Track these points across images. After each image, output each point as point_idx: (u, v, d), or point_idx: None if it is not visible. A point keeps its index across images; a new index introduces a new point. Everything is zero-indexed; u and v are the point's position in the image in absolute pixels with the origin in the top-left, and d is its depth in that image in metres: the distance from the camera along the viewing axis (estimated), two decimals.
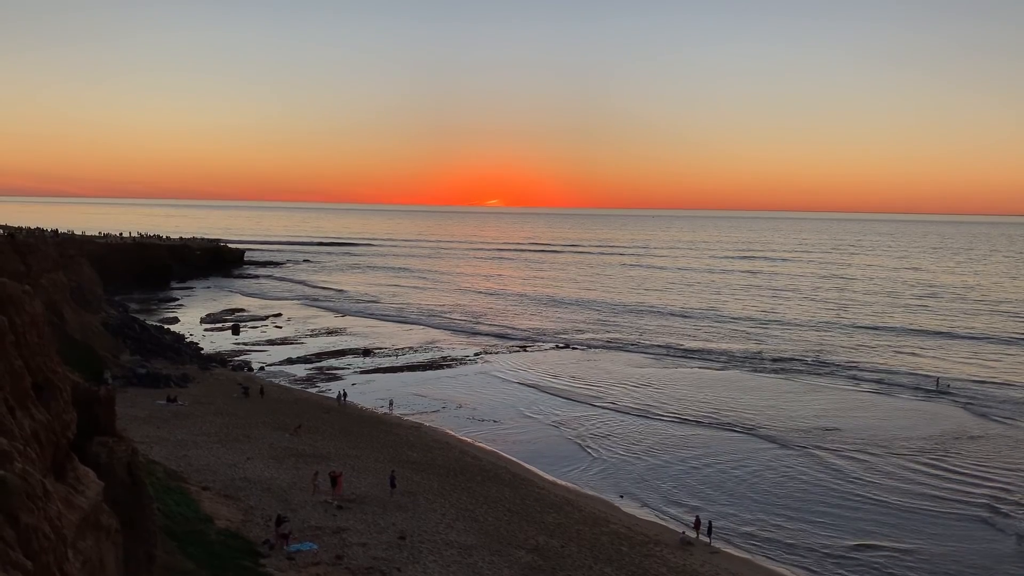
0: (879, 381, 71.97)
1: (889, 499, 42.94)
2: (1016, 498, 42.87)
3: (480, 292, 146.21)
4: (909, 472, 47.23)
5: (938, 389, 68.53)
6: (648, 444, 52.90)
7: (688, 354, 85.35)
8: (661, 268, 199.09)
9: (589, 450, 51.66)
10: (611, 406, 62.60)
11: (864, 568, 34.98)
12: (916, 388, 69.07)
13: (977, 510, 41.28)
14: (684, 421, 58.43)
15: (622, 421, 58.59)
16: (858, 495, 43.59)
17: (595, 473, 47.39)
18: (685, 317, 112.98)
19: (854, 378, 73.50)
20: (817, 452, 50.96)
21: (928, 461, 49.06)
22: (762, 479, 46.23)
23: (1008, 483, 45.26)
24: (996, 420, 58.74)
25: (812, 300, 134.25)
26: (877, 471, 47.33)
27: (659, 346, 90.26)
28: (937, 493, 43.91)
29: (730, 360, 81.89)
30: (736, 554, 36.06)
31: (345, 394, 63.72)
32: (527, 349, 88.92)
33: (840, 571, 34.68)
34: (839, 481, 45.83)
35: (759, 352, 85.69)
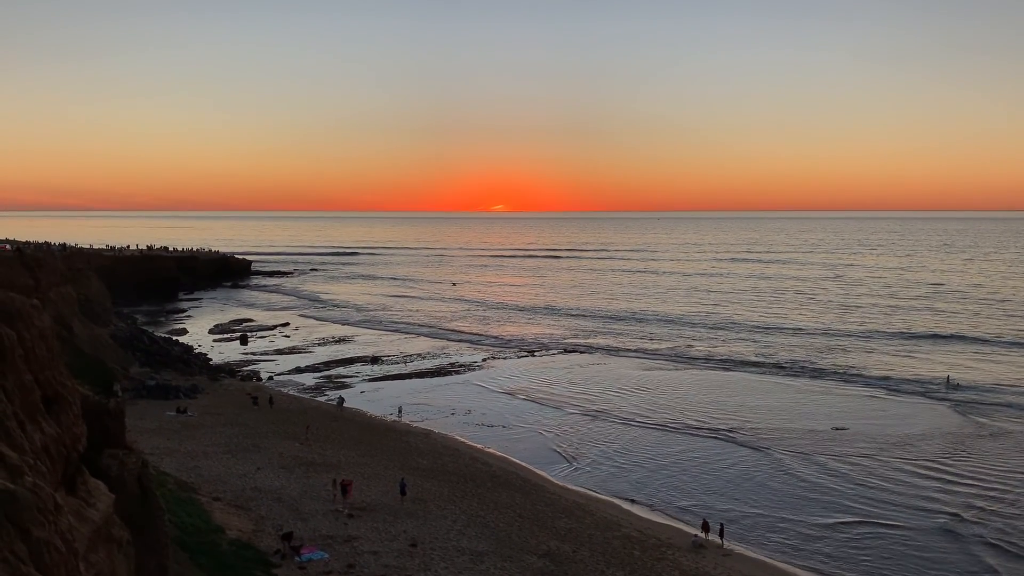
0: (886, 383, 70.80)
1: (881, 506, 42.57)
2: (984, 504, 41.64)
3: (486, 298, 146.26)
4: (907, 477, 46.41)
5: (948, 388, 67.93)
6: (654, 449, 52.68)
7: (694, 358, 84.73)
8: (667, 273, 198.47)
9: (594, 455, 51.51)
10: (617, 411, 62.40)
11: (865, 566, 34.78)
12: (924, 391, 67.49)
13: (939, 519, 39.95)
14: (691, 426, 58.05)
15: (628, 426, 58.37)
16: (856, 498, 43.28)
17: (600, 478, 47.24)
18: (690, 320, 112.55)
19: (861, 380, 72.26)
20: (820, 455, 50.43)
21: (926, 465, 48.04)
22: (770, 481, 46.00)
23: (992, 489, 43.99)
24: (999, 424, 57.12)
25: (817, 301, 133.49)
26: (878, 475, 46.52)
27: (665, 350, 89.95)
28: (917, 503, 43.36)
29: (736, 364, 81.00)
30: (749, 555, 35.88)
31: (343, 400, 64.06)
32: (535, 354, 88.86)
33: (843, 567, 34.52)
34: (838, 484, 45.48)
35: (764, 355, 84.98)
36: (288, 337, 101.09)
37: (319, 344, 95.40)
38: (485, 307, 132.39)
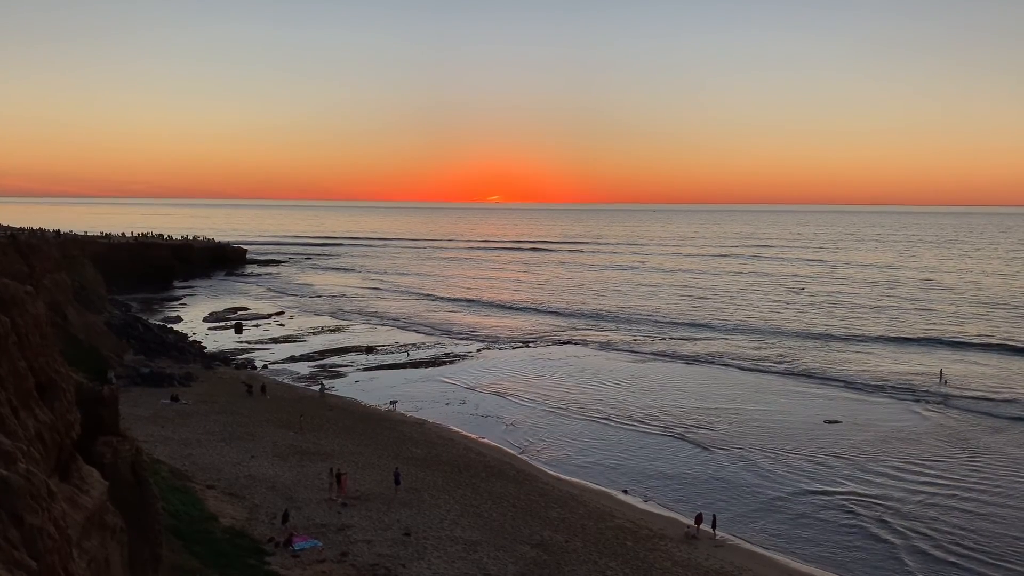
0: (875, 381, 69.48)
1: (867, 503, 42.85)
2: (910, 510, 40.43)
3: (481, 289, 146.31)
4: (891, 475, 46.55)
5: (940, 383, 67.80)
6: (643, 442, 52.85)
7: (683, 354, 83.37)
8: (658, 267, 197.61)
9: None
10: (605, 405, 62.17)
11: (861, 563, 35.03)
12: (914, 389, 66.15)
13: (870, 524, 38.88)
14: (680, 422, 57.95)
15: (616, 418, 58.44)
16: (842, 493, 43.56)
17: (595, 470, 47.40)
18: (680, 316, 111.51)
19: (849, 378, 70.72)
20: (806, 451, 50.39)
21: (912, 465, 47.52)
22: (760, 476, 46.17)
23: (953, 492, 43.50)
24: (982, 427, 55.59)
25: (809, 298, 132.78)
26: (866, 471, 46.58)
27: (654, 345, 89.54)
28: (888, 501, 43.54)
29: (724, 361, 79.60)
30: (741, 546, 36.08)
31: (324, 387, 64.72)
32: (529, 345, 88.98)
33: (835, 558, 34.77)
34: (825, 479, 45.76)
35: (751, 352, 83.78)
36: (283, 326, 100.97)
37: (314, 333, 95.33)
38: (480, 297, 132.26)
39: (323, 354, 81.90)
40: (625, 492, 43.22)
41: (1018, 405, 61.11)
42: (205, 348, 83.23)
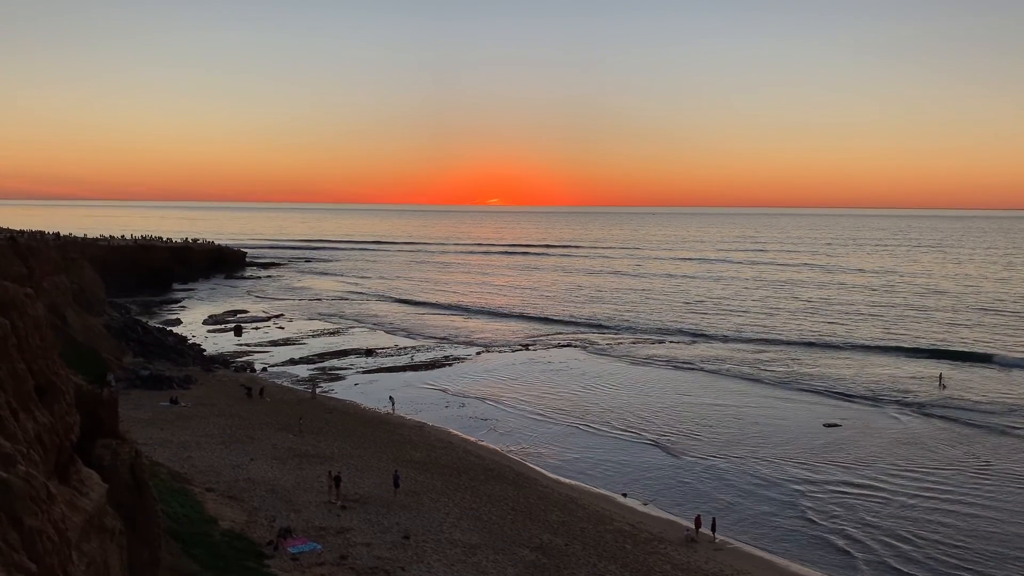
0: (871, 387, 68.44)
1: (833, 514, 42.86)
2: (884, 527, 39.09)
3: (480, 293, 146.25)
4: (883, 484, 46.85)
5: (940, 387, 67.65)
6: (642, 445, 52.83)
7: (686, 359, 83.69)
8: (655, 272, 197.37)
9: (586, 449, 51.63)
10: (603, 409, 62.03)
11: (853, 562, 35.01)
12: (912, 394, 65.53)
13: (837, 538, 37.70)
14: (679, 426, 58.00)
15: (615, 422, 58.42)
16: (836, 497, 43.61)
17: (594, 473, 47.38)
18: (676, 322, 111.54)
19: (848, 386, 69.36)
20: (800, 457, 50.55)
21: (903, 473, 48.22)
22: (756, 480, 46.18)
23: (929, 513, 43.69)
24: (987, 433, 54.70)
25: (805, 304, 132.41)
26: (862, 476, 47.00)
27: (653, 348, 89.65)
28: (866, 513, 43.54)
29: (723, 365, 79.53)
30: (741, 549, 36.05)
31: (316, 387, 65.00)
32: (528, 349, 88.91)
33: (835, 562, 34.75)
34: (819, 482, 45.83)
35: (749, 357, 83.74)
36: (282, 329, 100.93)
37: (313, 336, 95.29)
38: (478, 300, 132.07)
39: (322, 357, 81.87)
40: (624, 495, 43.18)
41: (1016, 415, 60.03)
42: (204, 351, 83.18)
